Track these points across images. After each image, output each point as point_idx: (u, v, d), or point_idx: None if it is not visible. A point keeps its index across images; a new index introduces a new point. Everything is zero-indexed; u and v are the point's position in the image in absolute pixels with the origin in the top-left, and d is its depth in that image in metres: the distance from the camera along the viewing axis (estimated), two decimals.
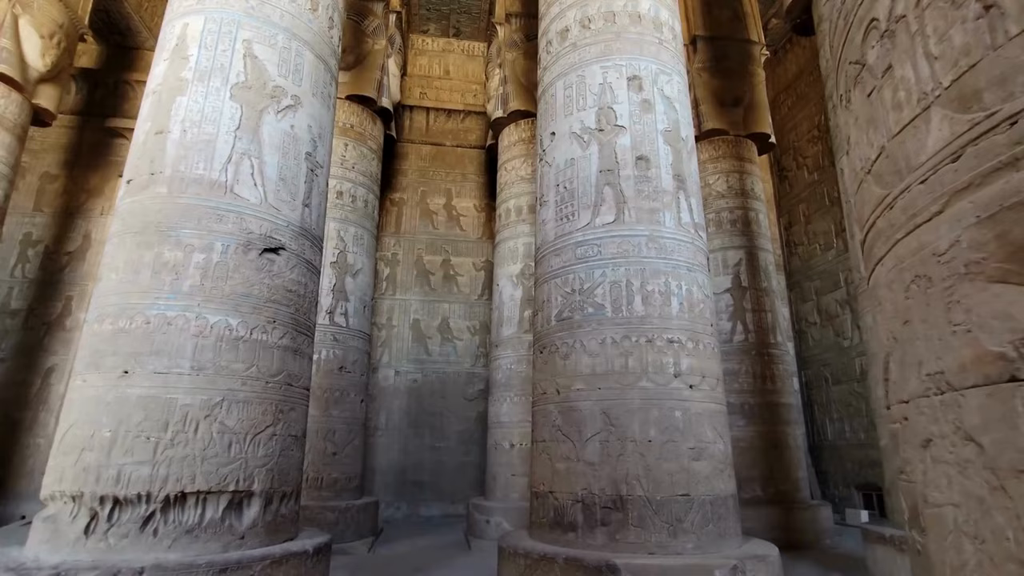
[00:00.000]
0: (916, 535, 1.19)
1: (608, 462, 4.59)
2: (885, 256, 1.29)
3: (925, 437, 1.13)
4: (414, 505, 12.18)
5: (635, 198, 5.35)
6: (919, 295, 1.11)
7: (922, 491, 1.14)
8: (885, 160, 1.27)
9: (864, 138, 1.39)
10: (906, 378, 1.19)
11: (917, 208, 1.12)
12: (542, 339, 5.50)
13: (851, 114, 1.47)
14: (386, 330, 13.37)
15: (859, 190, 1.48)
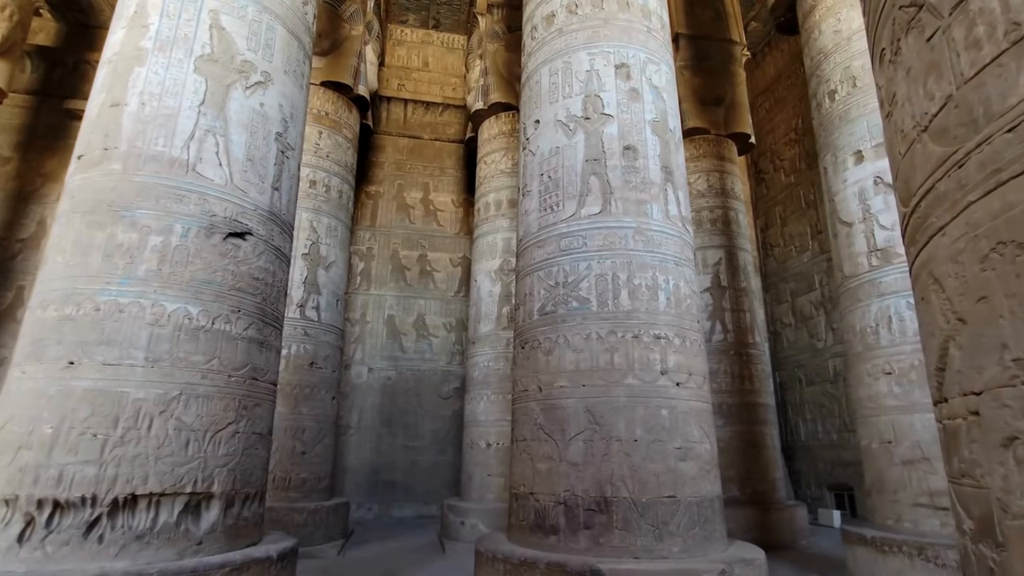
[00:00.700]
0: (986, 549, 1.03)
1: (592, 462, 4.40)
2: (949, 224, 1.11)
3: (1007, 435, 0.95)
4: (386, 506, 11.85)
5: (622, 189, 5.17)
6: (1004, 265, 0.94)
7: (1001, 498, 0.97)
8: (953, 111, 1.09)
9: (919, 91, 1.21)
10: (979, 366, 1.02)
11: (1002, 161, 0.95)
12: (524, 334, 5.29)
13: (899, 67, 1.29)
14: (360, 326, 12.99)
15: (908, 154, 1.30)
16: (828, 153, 7.41)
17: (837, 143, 7.22)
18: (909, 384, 5.88)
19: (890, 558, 5.43)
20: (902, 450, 5.83)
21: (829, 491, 13.56)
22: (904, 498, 5.73)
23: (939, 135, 1.12)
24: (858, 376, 6.54)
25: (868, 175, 6.72)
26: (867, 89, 6.99)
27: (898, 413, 5.93)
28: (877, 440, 6.14)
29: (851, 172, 6.94)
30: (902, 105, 1.29)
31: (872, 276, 6.46)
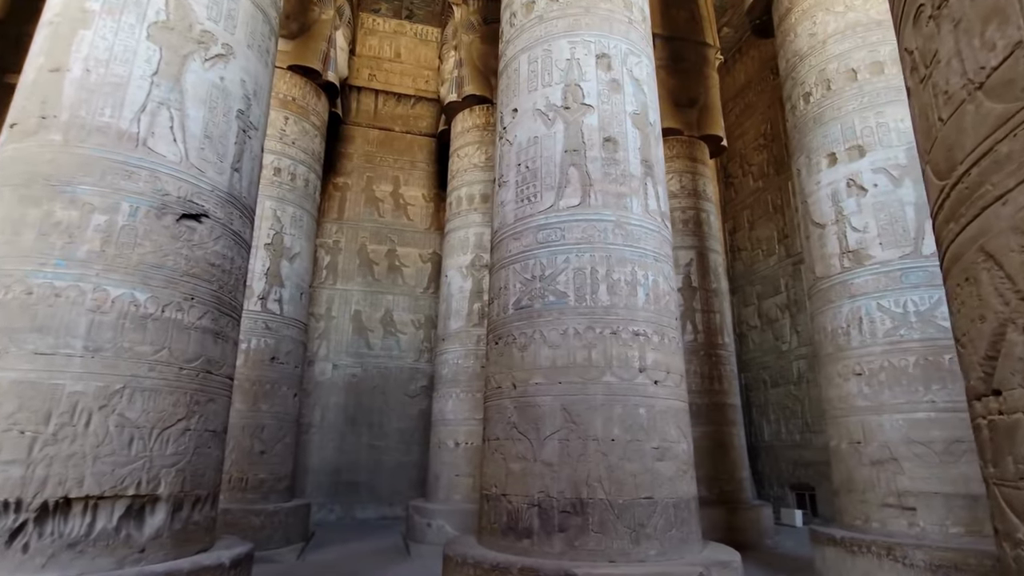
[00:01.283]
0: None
1: (568, 463, 4.24)
2: (1013, 190, 0.97)
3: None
4: (349, 507, 11.47)
5: (602, 181, 5.03)
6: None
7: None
8: (1023, 60, 0.95)
9: (973, 43, 1.07)
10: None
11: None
12: (498, 329, 5.09)
13: (943, 21, 1.15)
14: (324, 321, 12.57)
15: (953, 118, 1.17)
16: (802, 155, 7.45)
17: (811, 145, 7.26)
18: (879, 385, 5.93)
19: (859, 558, 5.44)
20: (871, 450, 5.86)
21: (791, 490, 13.80)
22: (872, 498, 5.76)
23: (1001, 89, 0.99)
24: (828, 377, 6.57)
25: (841, 177, 6.77)
26: (841, 92, 7.05)
27: (867, 414, 5.97)
28: (846, 440, 6.17)
29: (824, 174, 6.99)
30: (947, 63, 1.15)
31: (844, 278, 6.50)
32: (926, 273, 5.99)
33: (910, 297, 5.96)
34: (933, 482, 5.41)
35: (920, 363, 5.74)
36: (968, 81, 1.08)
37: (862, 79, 6.94)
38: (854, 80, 6.98)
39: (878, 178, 6.48)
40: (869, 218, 6.42)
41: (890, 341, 5.95)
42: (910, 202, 6.27)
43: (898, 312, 5.98)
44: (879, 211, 6.38)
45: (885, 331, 6.01)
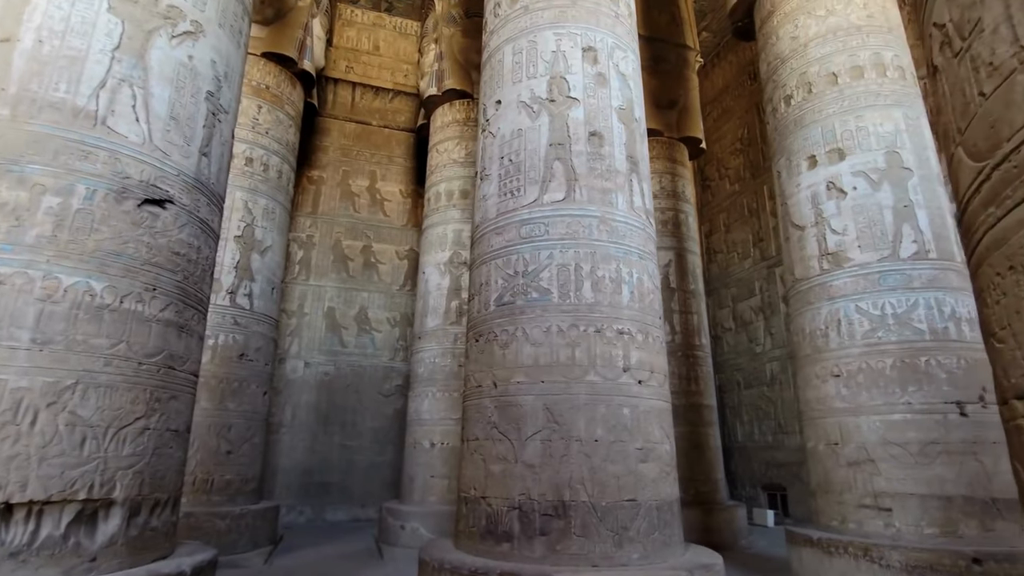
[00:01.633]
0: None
1: (550, 464, 4.11)
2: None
3: None
4: (319, 509, 11.16)
5: (587, 176, 4.93)
6: None
7: None
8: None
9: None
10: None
11: None
12: (478, 326, 4.94)
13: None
14: (297, 317, 12.22)
15: (1000, 90, 1.07)
16: (782, 157, 7.48)
17: (791, 147, 7.29)
18: (856, 387, 5.96)
19: (836, 559, 5.45)
20: (848, 451, 5.89)
21: (763, 491, 13.96)
22: (849, 499, 5.79)
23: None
24: (806, 378, 6.59)
25: (821, 180, 6.80)
26: (822, 95, 7.10)
27: (845, 415, 5.99)
28: (824, 442, 6.19)
29: (804, 176, 7.02)
30: (993, 31, 1.06)
31: (823, 279, 6.53)
32: (903, 276, 6.05)
33: (888, 300, 6.01)
34: (909, 483, 5.45)
35: (897, 365, 5.78)
36: (1020, 48, 0.99)
37: (842, 83, 6.99)
38: (835, 84, 7.03)
39: (857, 181, 6.53)
40: (848, 221, 6.46)
41: (868, 343, 5.99)
42: (888, 206, 6.33)
43: (876, 314, 6.02)
44: (858, 214, 6.42)
45: (863, 333, 6.05)
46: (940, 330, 5.79)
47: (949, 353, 5.71)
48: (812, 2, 7.48)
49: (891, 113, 6.71)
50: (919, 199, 6.31)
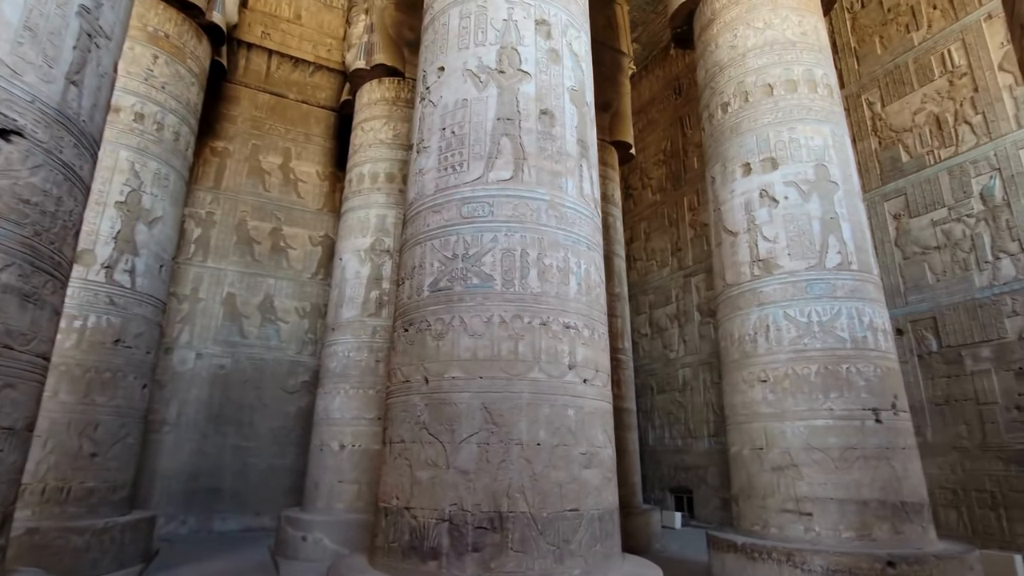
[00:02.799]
0: None
1: (487, 470, 3.65)
2: None
3: None
4: (206, 518, 9.93)
5: (537, 156, 4.53)
6: None
7: None
8: None
9: None
10: None
11: None
12: (409, 314, 4.38)
13: None
14: (189, 302, 10.87)
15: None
16: (717, 163, 7.53)
17: (727, 154, 7.35)
18: (783, 392, 6.01)
19: (760, 564, 5.42)
20: (773, 456, 5.92)
21: (670, 494, 14.31)
22: (772, 504, 5.81)
23: None
24: (733, 383, 6.61)
25: (755, 187, 6.89)
26: (758, 105, 7.21)
27: (771, 420, 6.03)
28: (749, 446, 6.21)
29: (739, 183, 7.08)
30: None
31: (753, 285, 6.59)
32: (828, 285, 6.21)
33: (814, 307, 6.14)
34: (829, 488, 5.54)
35: (821, 372, 5.90)
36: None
37: (777, 95, 7.13)
38: (770, 95, 7.17)
39: (789, 191, 6.66)
40: (779, 229, 6.56)
41: (795, 349, 6.08)
42: (816, 216, 6.50)
43: (803, 321, 6.13)
44: (789, 223, 6.54)
45: (790, 339, 6.13)
46: (860, 339, 5.98)
47: (867, 361, 5.90)
48: (751, 14, 7.61)
49: (820, 128, 6.92)
50: (843, 212, 6.52)
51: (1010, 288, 8.63)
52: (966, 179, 9.44)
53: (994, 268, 8.85)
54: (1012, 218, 8.74)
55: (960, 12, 10.02)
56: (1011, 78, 9.20)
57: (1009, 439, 8.25)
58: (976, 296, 8.99)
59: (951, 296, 9.31)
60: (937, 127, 10.01)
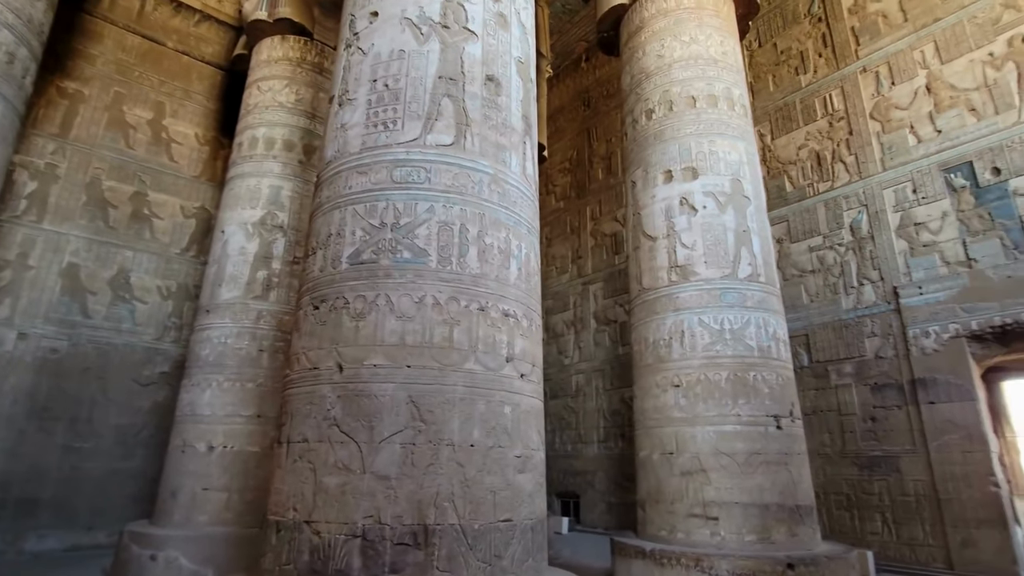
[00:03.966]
0: None
1: (412, 475, 3.09)
2: None
3: None
4: (16, 536, 8.07)
5: (481, 124, 4.07)
6: None
7: None
8: None
9: None
10: None
11: None
12: (320, 289, 3.69)
13: None
14: (13, 270, 8.89)
15: None
16: (639, 168, 7.56)
17: (650, 160, 7.39)
18: (695, 397, 6.06)
19: (668, 570, 5.35)
20: (683, 461, 5.93)
21: (557, 498, 14.35)
22: (680, 509, 5.80)
23: None
24: (645, 388, 6.58)
25: (676, 195, 6.97)
26: (681, 115, 7.34)
27: (682, 425, 6.05)
28: (659, 451, 6.18)
29: (660, 189, 7.14)
30: None
31: (670, 291, 6.62)
32: (739, 295, 6.39)
33: (727, 315, 6.28)
34: (735, 492, 5.64)
35: (731, 378, 6.02)
36: None
37: (700, 107, 7.31)
38: (693, 107, 7.33)
39: (707, 201, 6.81)
40: (697, 237, 6.67)
41: (708, 355, 6.16)
42: (731, 228, 6.69)
43: (716, 328, 6.24)
44: (706, 232, 6.67)
45: (704, 345, 6.22)
46: (765, 348, 6.21)
47: (771, 370, 6.13)
48: (679, 27, 7.77)
49: (737, 144, 7.19)
50: (754, 226, 6.79)
51: (870, 311, 9.63)
52: (839, 211, 10.44)
53: (858, 293, 9.83)
54: (875, 249, 9.78)
55: (841, 63, 11.13)
56: (879, 126, 10.35)
57: (863, 447, 9.15)
58: (842, 317, 9.94)
59: (822, 316, 10.21)
60: (817, 163, 11.00)
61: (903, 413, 8.88)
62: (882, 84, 10.39)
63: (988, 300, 8.39)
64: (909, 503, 8.44)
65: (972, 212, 8.90)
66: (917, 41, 10.00)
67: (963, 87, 9.27)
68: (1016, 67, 8.78)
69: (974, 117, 9.08)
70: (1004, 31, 9.02)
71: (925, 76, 9.76)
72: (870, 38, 10.75)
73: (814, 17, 11.85)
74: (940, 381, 8.57)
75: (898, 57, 10.22)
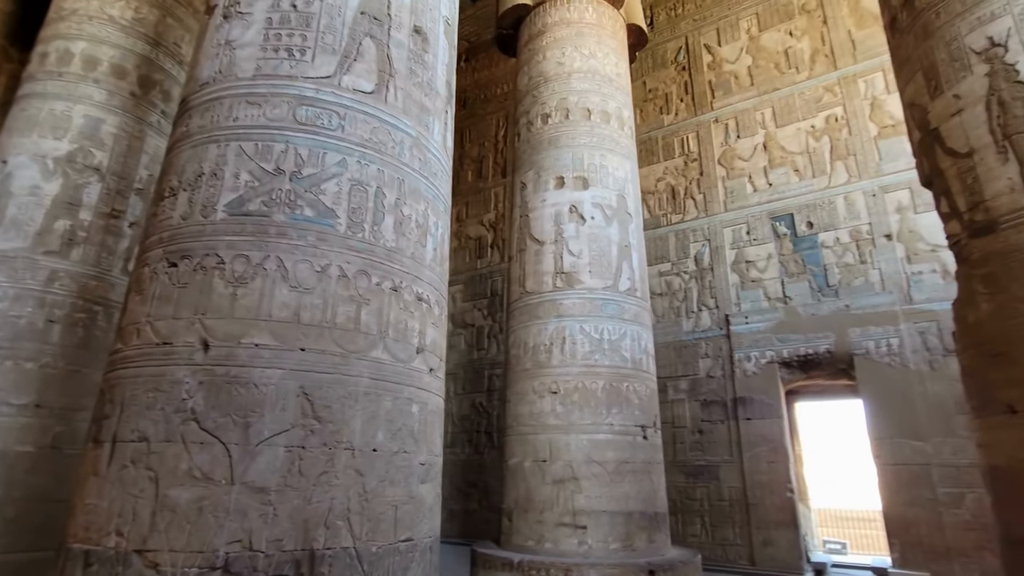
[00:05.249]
0: None
1: (299, 487, 2.42)
2: None
3: None
4: None
5: (407, 78, 3.52)
6: None
7: None
8: None
9: None
10: None
11: None
12: (181, 241, 2.81)
13: None
14: None
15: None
16: (531, 170, 7.45)
17: (543, 163, 7.33)
18: (571, 405, 6.02)
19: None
20: (556, 469, 5.83)
21: None
22: (550, 518, 5.68)
23: None
24: (521, 392, 6.41)
25: (566, 202, 6.97)
26: (577, 125, 7.41)
27: (558, 432, 5.96)
28: (531, 458, 6.02)
29: (551, 194, 7.09)
30: None
31: (554, 296, 6.56)
32: (619, 307, 6.55)
33: (607, 326, 6.38)
34: (603, 500, 5.67)
35: (607, 388, 6.10)
36: None
37: (594, 121, 7.46)
38: (588, 119, 7.45)
39: (596, 212, 6.91)
40: (584, 246, 6.72)
41: (587, 364, 6.18)
42: (615, 241, 6.87)
43: (596, 338, 6.30)
44: (592, 242, 6.75)
45: (584, 354, 6.23)
46: (638, 360, 6.42)
47: (641, 382, 6.36)
48: (580, 39, 7.89)
49: (624, 163, 7.45)
50: (635, 243, 7.06)
51: (705, 335, 10.70)
52: (687, 242, 11.50)
53: (697, 317, 10.88)
54: (713, 280, 10.93)
55: (698, 111, 12.36)
56: (725, 171, 11.66)
57: (691, 456, 10.07)
58: (682, 338, 10.91)
59: (665, 335, 11.10)
60: (672, 196, 12.03)
61: (725, 427, 9.94)
62: (730, 135, 11.71)
63: (797, 332, 9.77)
64: (724, 507, 9.43)
65: (790, 257, 10.32)
66: (760, 104, 11.46)
67: (791, 150, 10.77)
68: (830, 140, 10.43)
69: (797, 176, 10.57)
70: (824, 109, 10.69)
71: (763, 135, 11.17)
72: (723, 93, 12.06)
73: (679, 65, 13.01)
74: (756, 400, 9.76)
75: (744, 114, 11.61)
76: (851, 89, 10.60)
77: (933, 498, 8.26)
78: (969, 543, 7.88)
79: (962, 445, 8.25)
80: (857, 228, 9.82)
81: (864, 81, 10.54)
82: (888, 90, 10.20)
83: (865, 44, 10.71)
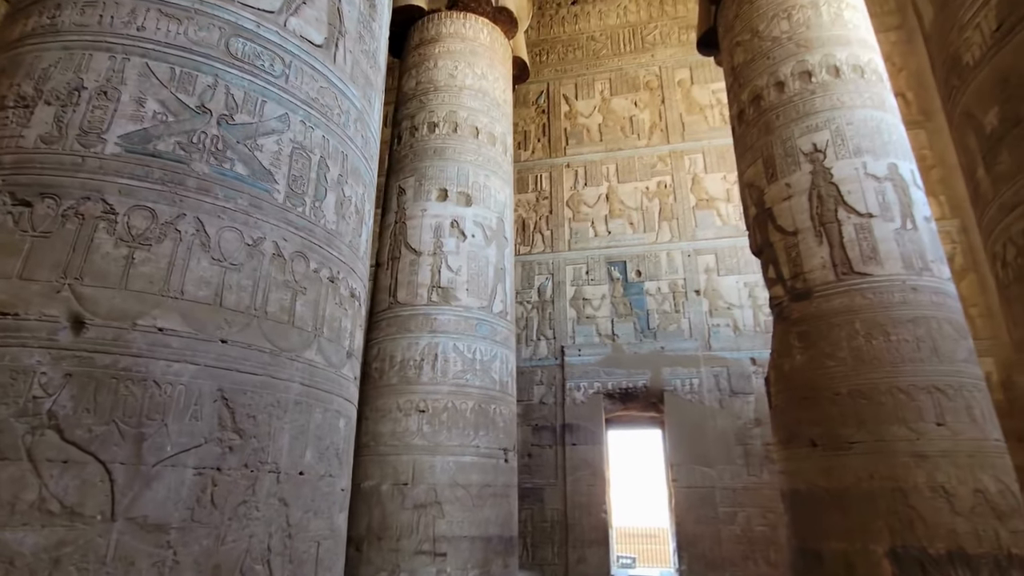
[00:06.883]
0: None
1: (210, 522, 1.79)
2: None
3: None
4: None
5: (356, 41, 3.06)
6: None
7: None
8: None
9: None
10: None
11: None
12: (40, 172, 1.96)
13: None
14: None
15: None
16: (412, 176, 7.10)
17: (426, 172, 7.04)
18: (439, 424, 5.72)
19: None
20: (418, 493, 5.43)
21: None
22: (407, 546, 5.24)
23: None
24: (384, 409, 5.90)
25: (448, 215, 6.76)
26: (464, 140, 7.31)
27: (423, 453, 5.59)
28: (391, 481, 5.53)
29: (433, 205, 6.83)
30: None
31: (429, 311, 6.25)
32: (491, 328, 6.49)
33: (480, 346, 6.25)
34: (465, 525, 5.43)
35: (476, 409, 5.94)
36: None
37: (481, 141, 7.43)
38: (476, 137, 7.40)
39: (476, 231, 6.82)
40: (463, 262, 6.56)
41: (457, 383, 5.95)
42: (492, 263, 6.83)
43: (469, 357, 6.12)
44: (472, 260, 6.63)
45: (455, 372, 6.00)
46: (504, 383, 6.40)
47: (506, 404, 6.33)
48: (473, 57, 7.87)
49: (504, 187, 7.53)
50: (508, 267, 7.11)
51: (542, 363, 11.21)
52: (532, 274, 12.03)
53: (535, 345, 11.36)
54: (553, 312, 11.56)
55: (553, 153, 13.20)
56: (572, 213, 12.55)
57: (520, 479, 10.31)
58: (521, 364, 11.25)
59: None
60: (523, 228, 12.54)
61: (553, 452, 10.43)
62: (579, 182, 12.68)
63: (621, 367, 10.76)
64: (546, 528, 9.81)
65: (620, 299, 11.40)
66: (606, 159, 12.66)
67: (629, 205, 12.02)
68: (659, 203, 11.89)
69: (632, 229, 11.81)
70: (656, 175, 12.21)
71: (607, 187, 12.31)
72: (576, 143, 13.07)
73: (540, 108, 13.80)
74: (582, 427, 10.44)
75: (592, 166, 12.70)
76: (679, 162, 12.27)
77: (715, 516, 9.62)
78: (739, 554, 9.32)
79: (738, 471, 9.83)
80: (675, 281, 11.25)
81: (689, 158, 12.30)
82: (707, 170, 12.05)
83: (692, 128, 12.55)
